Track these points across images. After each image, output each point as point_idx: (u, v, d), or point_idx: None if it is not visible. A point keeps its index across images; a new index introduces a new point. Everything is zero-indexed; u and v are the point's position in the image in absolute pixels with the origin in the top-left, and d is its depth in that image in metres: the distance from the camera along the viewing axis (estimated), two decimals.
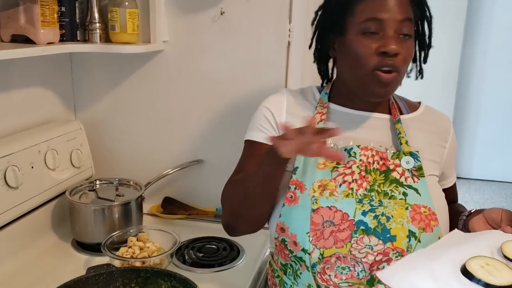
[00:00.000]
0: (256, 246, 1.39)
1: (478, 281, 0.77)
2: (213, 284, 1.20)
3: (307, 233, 0.97)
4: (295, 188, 1.01)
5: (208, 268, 1.27)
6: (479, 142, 4.61)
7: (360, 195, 0.99)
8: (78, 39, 1.43)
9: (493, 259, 0.82)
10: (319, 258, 0.97)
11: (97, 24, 1.42)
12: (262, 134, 1.10)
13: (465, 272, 0.79)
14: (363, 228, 0.96)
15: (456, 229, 0.97)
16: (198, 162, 1.58)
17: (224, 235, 1.40)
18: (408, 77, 1.09)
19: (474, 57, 4.49)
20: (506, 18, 4.33)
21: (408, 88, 1.29)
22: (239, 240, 1.40)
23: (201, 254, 1.33)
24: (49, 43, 1.28)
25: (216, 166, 1.57)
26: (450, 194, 1.17)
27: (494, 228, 0.93)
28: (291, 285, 1.06)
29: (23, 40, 1.27)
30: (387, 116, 1.09)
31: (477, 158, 4.59)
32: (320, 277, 1.00)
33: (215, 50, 1.48)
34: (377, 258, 0.97)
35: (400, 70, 0.99)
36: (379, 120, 1.08)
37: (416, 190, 0.99)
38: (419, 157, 1.02)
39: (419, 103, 1.16)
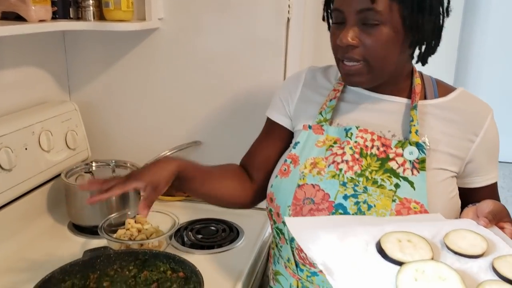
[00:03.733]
0: (255, 227, 1.38)
1: (381, 252, 0.74)
2: (213, 265, 1.18)
3: (288, 207, 0.98)
4: (290, 162, 1.01)
5: (207, 249, 1.26)
6: None
7: (347, 178, 0.95)
8: (71, 16, 1.39)
9: (420, 237, 0.77)
10: None
11: (90, 1, 1.37)
12: (274, 112, 1.14)
13: (377, 242, 0.76)
14: (341, 212, 0.93)
15: (438, 213, 0.92)
16: (195, 144, 1.55)
17: (223, 216, 1.40)
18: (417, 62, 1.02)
19: (473, 39, 4.46)
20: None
21: None
22: (238, 221, 1.39)
23: (200, 236, 1.32)
24: (41, 21, 1.24)
25: (213, 147, 1.54)
26: (482, 196, 1.01)
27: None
28: (278, 258, 1.08)
29: (14, 17, 1.23)
30: (404, 100, 1.01)
31: None
32: (298, 254, 1.00)
33: (212, 27, 1.44)
34: None
35: (366, 59, 0.92)
36: (394, 104, 1.01)
37: (411, 183, 0.93)
38: (425, 148, 0.94)
39: (456, 88, 1.03)
